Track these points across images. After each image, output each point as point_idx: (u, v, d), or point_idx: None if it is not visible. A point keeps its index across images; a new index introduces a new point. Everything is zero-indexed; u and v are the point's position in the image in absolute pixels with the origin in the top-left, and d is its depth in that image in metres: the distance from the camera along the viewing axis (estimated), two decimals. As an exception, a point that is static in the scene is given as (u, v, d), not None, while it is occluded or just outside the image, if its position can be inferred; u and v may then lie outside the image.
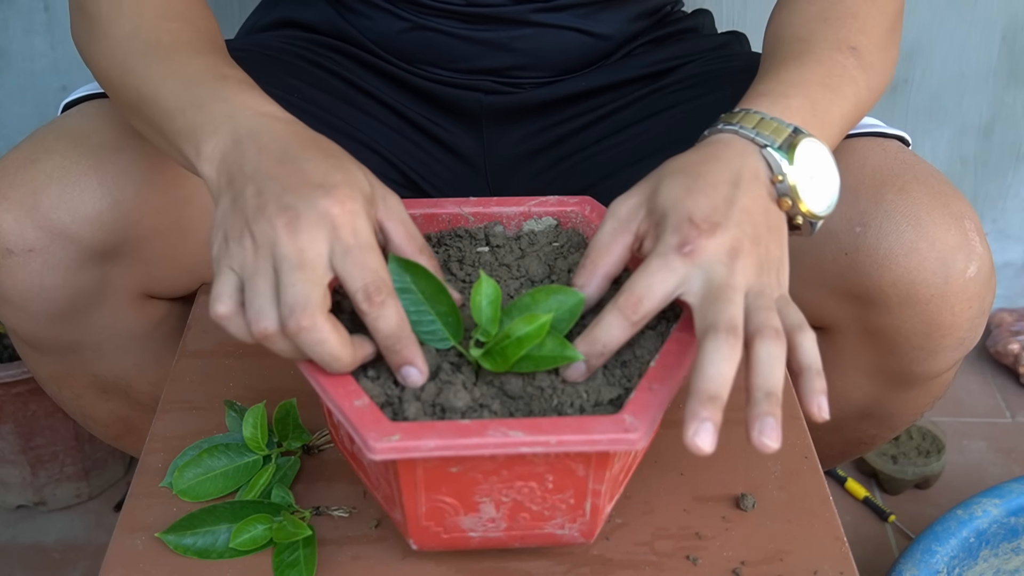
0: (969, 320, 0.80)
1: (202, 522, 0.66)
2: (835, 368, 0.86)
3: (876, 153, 0.82)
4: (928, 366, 0.82)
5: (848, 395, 0.88)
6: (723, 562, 0.65)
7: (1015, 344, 1.52)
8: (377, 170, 0.93)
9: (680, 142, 0.92)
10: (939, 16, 1.41)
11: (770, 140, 0.65)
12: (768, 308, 0.58)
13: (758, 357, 0.56)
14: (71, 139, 0.79)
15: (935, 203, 0.77)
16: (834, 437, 0.95)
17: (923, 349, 0.80)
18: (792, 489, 0.70)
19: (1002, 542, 1.06)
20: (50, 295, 0.78)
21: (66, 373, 0.88)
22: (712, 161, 0.64)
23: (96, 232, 0.77)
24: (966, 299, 0.78)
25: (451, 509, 0.59)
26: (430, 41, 0.93)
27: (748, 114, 0.67)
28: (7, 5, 1.36)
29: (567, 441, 0.54)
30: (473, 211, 0.73)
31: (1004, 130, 1.50)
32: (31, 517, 1.30)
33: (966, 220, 0.78)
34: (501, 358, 0.59)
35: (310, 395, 0.74)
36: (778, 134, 0.65)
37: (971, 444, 1.42)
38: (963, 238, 0.77)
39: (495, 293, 0.61)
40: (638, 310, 0.59)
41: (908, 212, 0.77)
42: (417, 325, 0.61)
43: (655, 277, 0.59)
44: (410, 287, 0.61)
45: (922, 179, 0.79)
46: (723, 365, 0.55)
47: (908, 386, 0.86)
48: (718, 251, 0.59)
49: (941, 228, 0.77)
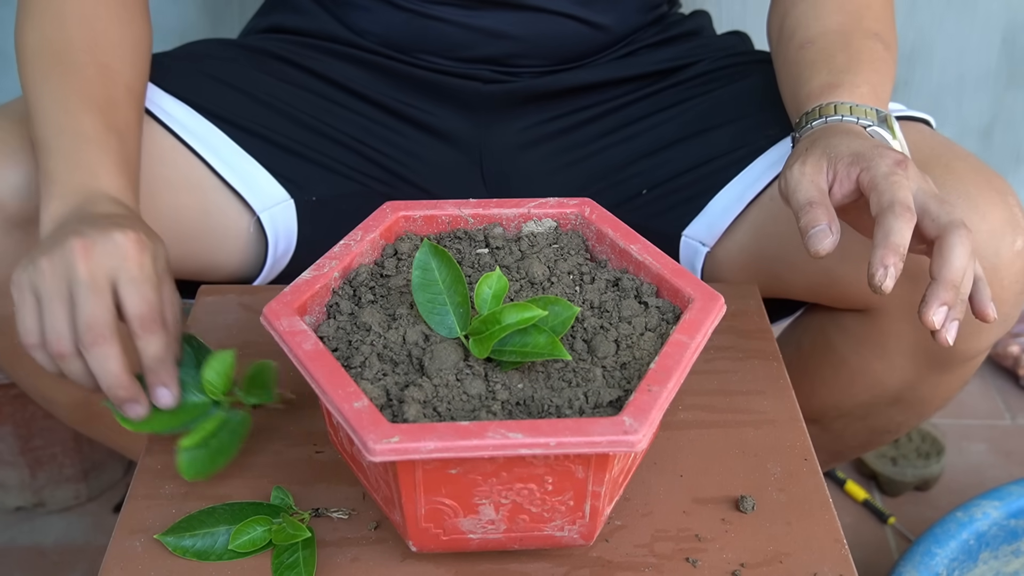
0: (1015, 295, 0.81)
1: (201, 524, 0.66)
2: (878, 350, 0.88)
3: (912, 133, 0.84)
4: (971, 344, 0.84)
5: (885, 379, 0.89)
6: (723, 564, 0.65)
7: (1015, 346, 1.52)
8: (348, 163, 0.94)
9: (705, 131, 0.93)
10: (939, 18, 1.41)
11: (869, 121, 0.74)
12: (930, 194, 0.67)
13: None
14: (6, 114, 0.83)
15: (980, 178, 0.79)
16: (860, 426, 0.96)
17: (969, 323, 0.81)
18: (792, 491, 0.70)
19: (1002, 544, 1.06)
20: None
21: (12, 350, 0.89)
22: (845, 134, 0.72)
23: (24, 201, 0.79)
24: (1014, 272, 0.80)
25: (450, 511, 0.59)
26: (429, 30, 0.94)
27: (838, 105, 0.75)
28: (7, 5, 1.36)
29: (566, 443, 0.54)
30: (472, 212, 0.73)
31: (1004, 132, 1.50)
32: (30, 519, 1.30)
33: (1009, 196, 0.80)
34: (488, 341, 0.61)
35: (310, 396, 0.74)
36: (870, 116, 0.75)
37: (971, 446, 1.42)
38: (1009, 213, 0.79)
39: (501, 286, 0.63)
40: (913, 212, 0.65)
41: (958, 187, 0.79)
42: (429, 310, 0.63)
43: (900, 188, 0.65)
44: (432, 271, 0.64)
45: (963, 157, 0.82)
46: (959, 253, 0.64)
47: (946, 368, 0.87)
48: (916, 171, 0.68)
49: (990, 203, 0.78)
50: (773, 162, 0.89)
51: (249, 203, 0.91)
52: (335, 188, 0.94)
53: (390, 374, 0.61)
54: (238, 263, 0.94)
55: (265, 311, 0.62)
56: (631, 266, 0.70)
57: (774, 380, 0.79)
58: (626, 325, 0.65)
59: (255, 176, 0.91)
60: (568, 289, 0.68)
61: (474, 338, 0.62)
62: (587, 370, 0.61)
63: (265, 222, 0.92)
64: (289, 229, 0.94)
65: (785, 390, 0.78)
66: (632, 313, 0.66)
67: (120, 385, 0.66)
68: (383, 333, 0.64)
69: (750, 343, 0.82)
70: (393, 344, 0.63)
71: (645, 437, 0.55)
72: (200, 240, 0.91)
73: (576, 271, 0.70)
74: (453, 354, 0.62)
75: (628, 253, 0.70)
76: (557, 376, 0.61)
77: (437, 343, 0.62)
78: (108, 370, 0.65)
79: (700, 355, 0.61)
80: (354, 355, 0.62)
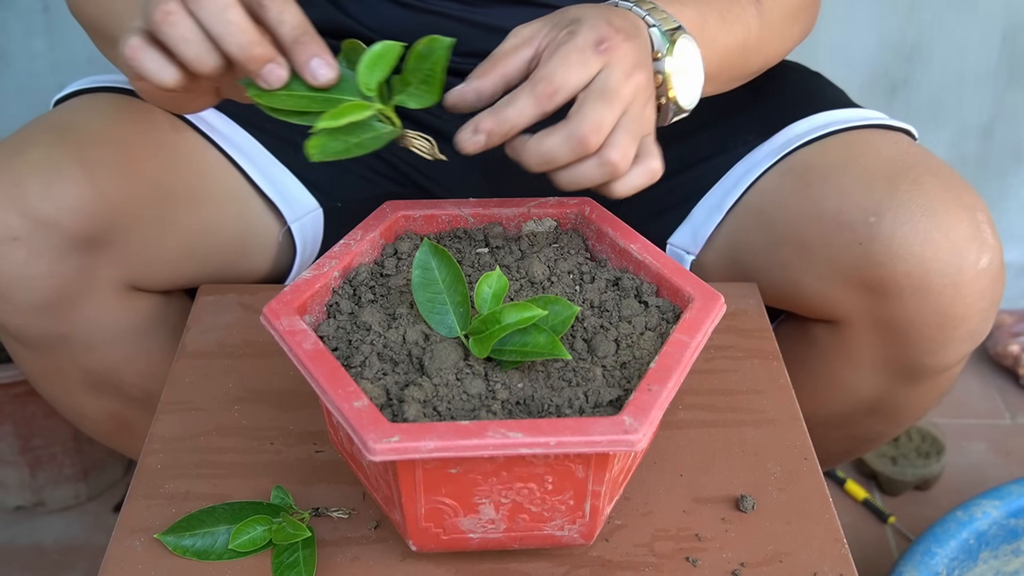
0: (980, 312, 0.80)
1: (201, 523, 0.66)
2: (846, 361, 0.87)
3: (888, 145, 0.84)
4: (939, 358, 0.83)
5: (857, 390, 0.89)
6: (723, 563, 0.65)
7: (1015, 346, 1.52)
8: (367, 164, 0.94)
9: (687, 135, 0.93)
10: (939, 17, 1.41)
11: (657, 23, 0.69)
12: (633, 135, 0.62)
13: (581, 168, 0.61)
14: (56, 131, 0.80)
15: (948, 195, 0.79)
16: (839, 434, 0.95)
17: (935, 341, 0.81)
18: (792, 490, 0.70)
19: (1002, 544, 1.06)
20: (35, 284, 0.79)
21: (55, 368, 0.89)
22: (618, 12, 0.67)
23: (80, 221, 0.78)
24: (978, 290, 0.79)
25: (450, 510, 0.59)
26: (431, 25, 0.93)
27: (646, 2, 0.70)
28: (7, 6, 1.36)
29: (566, 442, 0.54)
30: (472, 212, 0.73)
31: (1004, 131, 1.50)
32: (30, 518, 1.30)
33: (978, 212, 0.79)
34: (488, 341, 0.61)
35: (310, 396, 0.74)
36: (665, 24, 0.69)
37: (971, 446, 1.42)
38: (976, 230, 0.78)
39: (501, 286, 0.63)
40: (553, 99, 0.61)
41: (923, 203, 0.78)
42: (429, 310, 0.63)
43: (572, 70, 0.60)
44: (432, 270, 0.64)
45: (935, 171, 0.81)
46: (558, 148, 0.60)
47: (917, 380, 0.86)
48: (626, 58, 0.62)
49: (955, 219, 0.78)
50: (749, 168, 0.89)
51: (283, 213, 0.92)
52: (356, 192, 0.95)
53: (390, 373, 0.61)
54: (267, 271, 0.95)
55: (265, 311, 0.62)
56: (631, 265, 0.70)
57: (774, 380, 0.79)
58: (626, 324, 0.65)
59: (287, 185, 0.93)
60: (568, 288, 0.68)
61: (474, 338, 0.62)
62: (587, 369, 0.61)
63: (295, 232, 0.93)
64: (316, 237, 0.95)
65: (785, 390, 0.78)
66: (632, 312, 0.66)
67: (252, 39, 0.56)
68: (383, 332, 0.64)
69: (750, 343, 0.82)
70: (393, 344, 0.63)
71: (645, 436, 0.55)
72: (238, 250, 0.92)
73: (576, 270, 0.70)
74: (453, 354, 0.62)
75: (628, 252, 0.70)
76: (557, 376, 0.61)
77: (437, 343, 0.62)
78: (230, 20, 0.56)
79: (700, 354, 0.61)
80: (354, 355, 0.62)
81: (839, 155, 0.84)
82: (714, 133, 0.93)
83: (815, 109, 0.90)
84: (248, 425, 0.75)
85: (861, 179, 0.81)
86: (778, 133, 0.90)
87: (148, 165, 0.82)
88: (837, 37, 1.42)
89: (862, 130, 0.86)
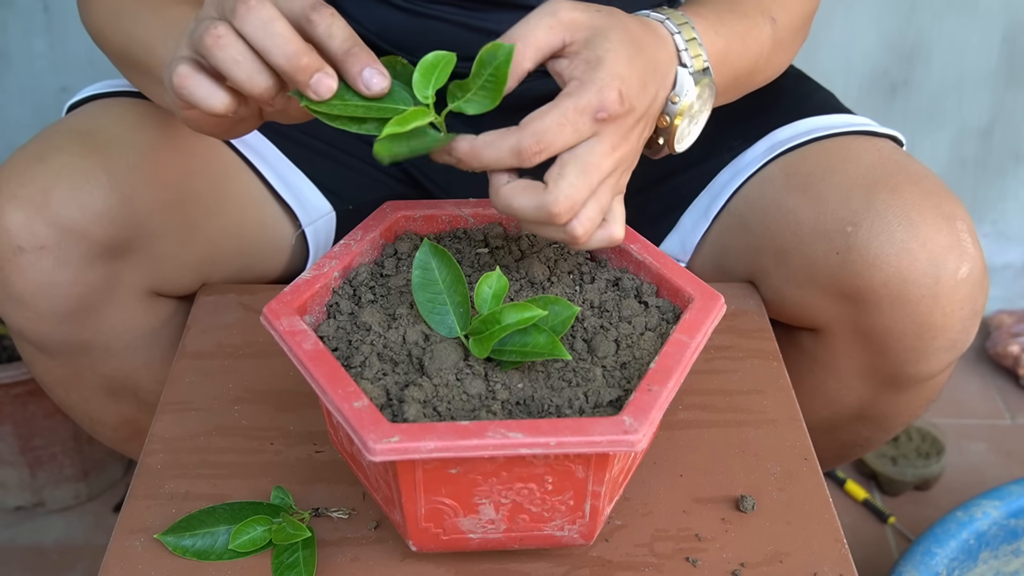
0: (961, 321, 0.80)
1: (201, 523, 0.66)
2: (829, 369, 0.87)
3: (869, 152, 0.83)
4: (920, 367, 0.82)
5: (842, 397, 0.89)
6: (723, 564, 0.65)
7: (1015, 346, 1.52)
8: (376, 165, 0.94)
9: None
10: (939, 17, 1.41)
11: (689, 65, 0.68)
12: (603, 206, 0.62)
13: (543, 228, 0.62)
14: (78, 136, 0.80)
15: (927, 203, 0.78)
16: (829, 440, 0.95)
17: (915, 350, 0.80)
18: (792, 491, 0.70)
19: (1002, 544, 1.06)
20: (61, 292, 0.78)
21: (74, 375, 0.88)
22: (653, 45, 0.66)
23: (106, 228, 0.78)
24: (957, 300, 0.78)
25: (450, 510, 0.59)
26: (429, 30, 0.93)
27: (689, 27, 0.70)
28: (7, 6, 1.36)
29: (566, 443, 0.54)
30: (472, 212, 0.73)
31: (1004, 132, 1.50)
32: (30, 518, 1.30)
33: (958, 221, 0.78)
34: (488, 341, 0.61)
35: (310, 396, 0.74)
36: (696, 64, 0.69)
37: (971, 446, 1.42)
38: (955, 239, 0.78)
39: (501, 286, 0.63)
40: (536, 158, 0.60)
41: (900, 212, 0.77)
42: (429, 310, 0.63)
43: (564, 131, 0.60)
44: (432, 271, 0.64)
45: (915, 179, 0.80)
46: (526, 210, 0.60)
47: (901, 388, 0.86)
48: (619, 131, 0.62)
49: (932, 229, 0.77)
50: (734, 174, 0.89)
51: (298, 217, 0.92)
52: (369, 195, 0.95)
53: (390, 374, 0.61)
54: (279, 273, 0.96)
55: (265, 311, 0.62)
56: (631, 265, 0.70)
57: (774, 380, 0.79)
58: (626, 325, 0.65)
59: (303, 189, 0.93)
60: (568, 289, 0.68)
61: (474, 338, 0.62)
62: (587, 370, 0.61)
63: (308, 235, 0.93)
64: (328, 239, 0.96)
65: (785, 390, 0.78)
66: (632, 313, 0.66)
67: (298, 49, 0.57)
68: (383, 333, 0.64)
69: (750, 343, 0.82)
70: (393, 344, 0.63)
71: (645, 437, 0.55)
72: (256, 253, 0.92)
73: (576, 271, 0.70)
74: (453, 354, 0.62)
75: (628, 252, 0.70)
76: (557, 376, 0.61)
77: (437, 343, 0.62)
78: (276, 32, 0.56)
79: (700, 355, 0.61)
80: (354, 355, 0.62)
81: (820, 162, 0.84)
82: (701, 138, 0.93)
83: (801, 114, 0.90)
84: (248, 425, 0.75)
85: (840, 187, 0.80)
86: (763, 139, 0.89)
87: (171, 170, 0.82)
88: (837, 37, 1.42)
89: (846, 136, 0.85)
